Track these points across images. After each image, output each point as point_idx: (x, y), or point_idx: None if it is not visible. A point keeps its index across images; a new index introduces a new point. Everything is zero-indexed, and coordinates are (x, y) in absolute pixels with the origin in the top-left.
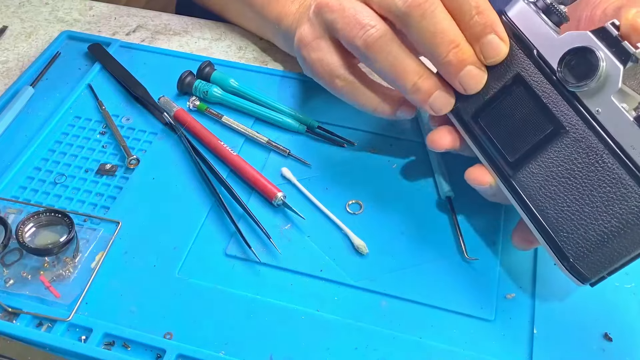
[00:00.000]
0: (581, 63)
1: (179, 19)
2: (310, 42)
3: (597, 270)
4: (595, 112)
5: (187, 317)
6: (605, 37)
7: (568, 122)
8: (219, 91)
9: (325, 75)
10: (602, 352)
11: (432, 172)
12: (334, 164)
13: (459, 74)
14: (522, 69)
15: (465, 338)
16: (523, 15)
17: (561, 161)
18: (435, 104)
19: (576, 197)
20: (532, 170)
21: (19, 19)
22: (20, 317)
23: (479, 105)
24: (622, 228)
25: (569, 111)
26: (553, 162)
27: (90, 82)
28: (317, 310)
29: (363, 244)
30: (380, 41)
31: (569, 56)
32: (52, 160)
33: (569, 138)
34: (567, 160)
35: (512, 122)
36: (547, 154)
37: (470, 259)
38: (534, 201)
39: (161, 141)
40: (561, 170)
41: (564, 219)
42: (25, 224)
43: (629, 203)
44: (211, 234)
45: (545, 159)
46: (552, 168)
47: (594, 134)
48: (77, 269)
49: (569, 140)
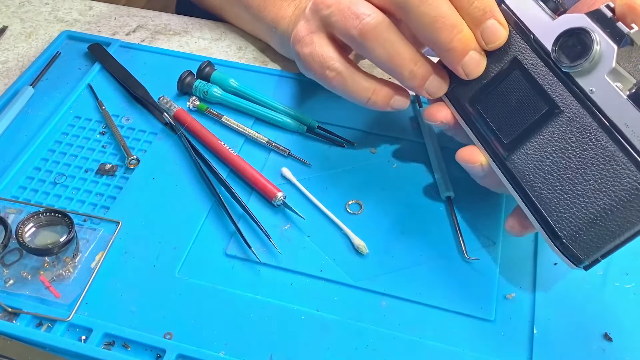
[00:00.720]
0: (576, 44)
1: (179, 19)
2: (303, 37)
3: (590, 251)
4: (589, 92)
5: (187, 317)
6: (600, 19)
7: (563, 102)
8: (219, 91)
9: (316, 66)
10: (602, 352)
11: (432, 172)
12: (334, 164)
13: (462, 60)
14: (519, 53)
15: (465, 338)
16: (520, 2)
17: (555, 141)
18: (430, 89)
19: (570, 176)
20: (527, 152)
21: (19, 19)
22: (20, 317)
23: (476, 89)
24: (615, 206)
25: (563, 92)
26: (547, 142)
27: (90, 82)
28: (317, 310)
29: (363, 244)
30: (376, 30)
31: (564, 37)
32: (52, 160)
33: (563, 118)
34: (562, 139)
35: (508, 105)
36: (542, 134)
37: (470, 259)
38: (527, 182)
39: (161, 141)
40: (555, 150)
41: (557, 198)
42: (25, 224)
43: (621, 181)
44: (211, 234)
45: (540, 139)
46: (547, 148)
47: (588, 112)
48: (77, 269)
49: (563, 120)
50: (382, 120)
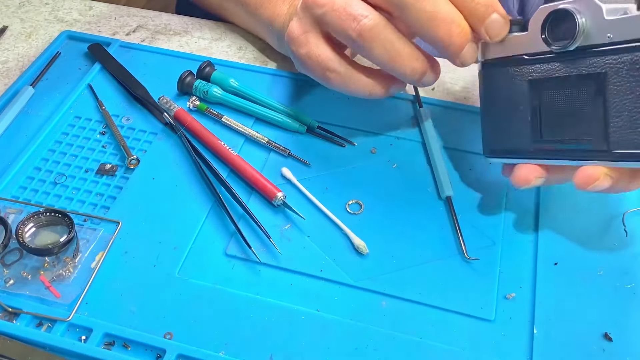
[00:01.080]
0: (560, 24)
1: (179, 19)
2: (298, 36)
3: None
4: (609, 40)
5: (187, 317)
6: None
7: (600, 67)
8: (219, 91)
9: (318, 68)
10: (602, 352)
11: (432, 172)
12: (334, 164)
13: (461, 53)
14: (530, 75)
15: (465, 338)
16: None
17: (626, 98)
18: (426, 81)
19: None
20: (617, 125)
21: (19, 19)
22: (21, 317)
23: (529, 130)
24: None
25: (591, 61)
26: (621, 104)
27: (90, 82)
28: (317, 310)
29: (363, 244)
30: (374, 30)
31: (547, 33)
32: (52, 160)
33: (612, 76)
34: (629, 92)
35: (567, 114)
36: (612, 104)
37: (470, 259)
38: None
39: (161, 141)
40: (629, 102)
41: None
42: (26, 224)
43: None
44: (211, 234)
45: (614, 108)
46: (625, 109)
47: (625, 52)
48: (77, 269)
49: (614, 78)
50: (382, 120)
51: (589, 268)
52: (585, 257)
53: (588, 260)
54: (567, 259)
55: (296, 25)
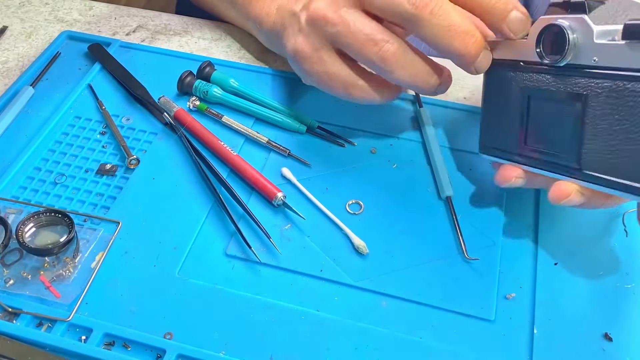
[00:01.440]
0: (553, 38)
1: (179, 19)
2: (310, 55)
3: None
4: (594, 63)
5: (187, 317)
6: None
7: (583, 87)
8: (219, 91)
9: (339, 86)
10: (602, 352)
11: (432, 172)
12: (334, 164)
13: (476, 61)
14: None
15: (465, 338)
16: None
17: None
18: (440, 91)
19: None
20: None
21: (19, 19)
22: (21, 317)
23: (516, 134)
24: None
25: (578, 80)
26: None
27: (90, 82)
28: (317, 310)
29: (363, 244)
30: (397, 55)
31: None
32: (52, 160)
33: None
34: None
35: (551, 124)
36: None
37: (470, 259)
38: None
39: (161, 141)
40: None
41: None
42: (26, 224)
43: None
44: (211, 234)
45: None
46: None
47: (607, 78)
48: (77, 269)
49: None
50: (382, 120)
51: (589, 268)
52: (585, 257)
53: (588, 260)
54: (567, 259)
55: (304, 43)
